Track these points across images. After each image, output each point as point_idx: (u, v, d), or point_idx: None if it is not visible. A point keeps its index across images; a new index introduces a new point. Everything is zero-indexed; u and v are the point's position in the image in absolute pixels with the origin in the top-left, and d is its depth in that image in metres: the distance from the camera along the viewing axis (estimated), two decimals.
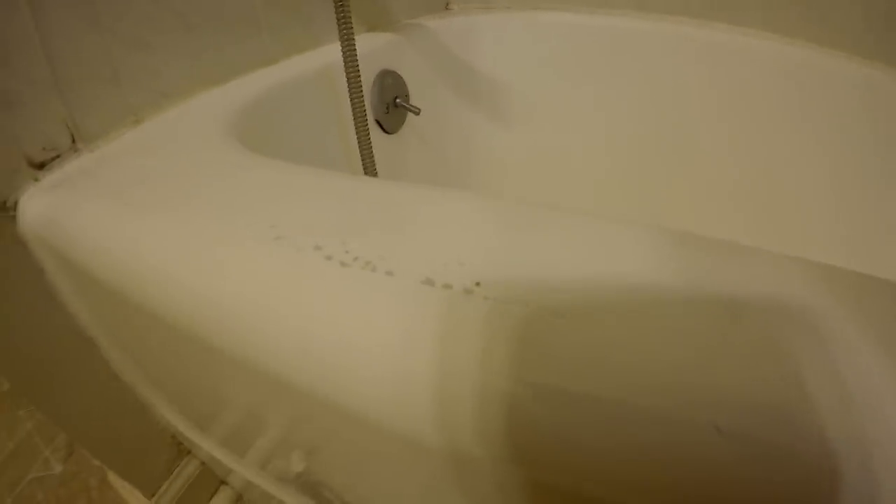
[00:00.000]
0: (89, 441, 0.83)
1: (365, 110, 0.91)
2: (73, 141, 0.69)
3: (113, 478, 1.13)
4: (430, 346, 0.30)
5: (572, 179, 1.36)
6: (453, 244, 0.36)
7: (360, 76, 0.88)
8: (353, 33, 0.84)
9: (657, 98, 1.17)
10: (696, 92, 1.11)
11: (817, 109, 0.97)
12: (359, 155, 0.94)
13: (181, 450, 0.96)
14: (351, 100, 0.89)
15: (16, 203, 0.63)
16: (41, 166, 0.66)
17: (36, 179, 0.65)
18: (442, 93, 1.28)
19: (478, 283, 0.32)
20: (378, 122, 1.11)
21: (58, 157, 0.67)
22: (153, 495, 0.94)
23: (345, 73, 0.88)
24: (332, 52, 0.95)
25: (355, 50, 0.86)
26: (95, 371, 0.79)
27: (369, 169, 0.95)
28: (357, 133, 0.92)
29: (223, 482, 1.05)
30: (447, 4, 1.41)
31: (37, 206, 0.62)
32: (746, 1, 1.05)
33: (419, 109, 1.13)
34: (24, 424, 1.43)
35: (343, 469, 0.56)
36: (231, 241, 0.43)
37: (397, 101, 1.12)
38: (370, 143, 0.94)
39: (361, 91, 0.89)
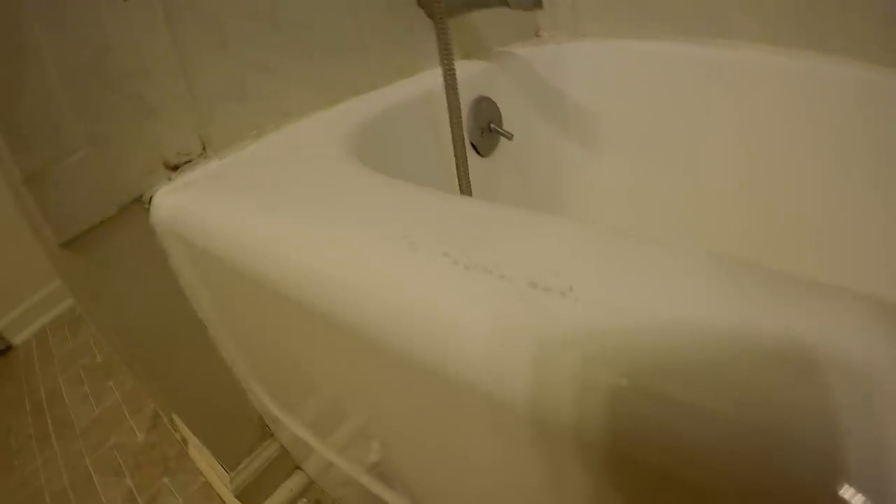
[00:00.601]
0: (186, 411, 0.92)
1: (463, 134, 0.97)
2: (204, 148, 0.78)
3: (193, 451, 1.23)
4: (531, 335, 0.36)
5: (660, 210, 1.37)
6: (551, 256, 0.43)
7: (459, 102, 0.94)
8: (453, 62, 0.91)
9: (749, 129, 1.15)
10: (790, 125, 1.08)
11: None
12: (455, 174, 1.00)
13: (265, 432, 1.05)
14: (451, 123, 0.95)
15: (150, 198, 0.73)
16: (175, 168, 0.75)
17: (169, 179, 0.75)
18: (533, 119, 1.32)
19: (571, 288, 0.38)
20: (473, 145, 1.17)
21: (189, 161, 0.77)
22: (233, 469, 1.02)
23: (445, 99, 0.94)
24: (431, 77, 1.02)
25: (456, 78, 0.92)
26: (202, 351, 0.88)
27: (465, 188, 1.01)
28: (455, 155, 0.98)
29: (298, 468, 1.13)
30: (537, 32, 1.45)
31: (169, 201, 0.72)
32: (836, 30, 1.01)
33: (512, 134, 1.18)
34: (113, 394, 1.56)
35: (417, 462, 0.62)
36: (370, 242, 0.50)
37: (491, 125, 1.18)
38: (467, 165, 1.00)
39: (461, 116, 0.95)
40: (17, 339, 1.99)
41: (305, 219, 0.57)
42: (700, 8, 1.18)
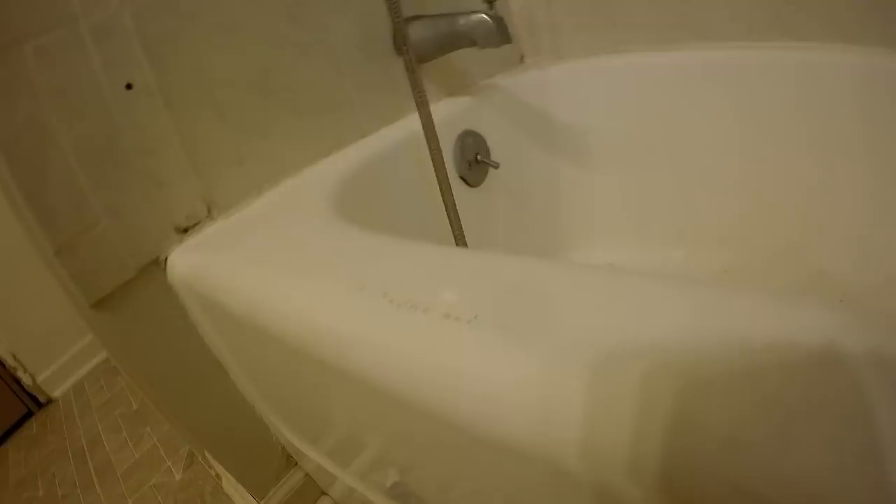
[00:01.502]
0: (214, 448, 1.00)
1: (446, 173, 1.03)
2: (209, 211, 0.87)
3: (227, 485, 1.29)
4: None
5: (660, 218, 1.38)
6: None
7: (439, 142, 1.00)
8: (429, 107, 0.97)
9: (739, 127, 1.15)
10: (781, 119, 1.07)
11: None
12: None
13: (289, 461, 1.11)
14: (434, 165, 1.01)
15: (165, 259, 0.82)
16: (185, 231, 0.84)
17: (181, 241, 0.84)
18: (522, 145, 1.37)
19: (476, 317, 0.45)
20: (462, 178, 1.23)
21: (198, 223, 0.86)
22: (262, 498, 1.08)
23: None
24: (416, 119, 1.05)
25: (433, 121, 0.99)
26: (225, 392, 0.96)
27: (455, 223, 1.07)
28: (442, 193, 1.04)
29: (324, 493, 1.19)
30: (522, 59, 1.50)
31: (183, 260, 0.81)
32: (814, 17, 1.01)
33: (498, 164, 1.24)
34: (150, 438, 1.64)
35: (434, 484, 0.69)
36: (327, 288, 0.59)
37: (478, 157, 1.24)
38: (454, 201, 1.05)
39: (442, 156, 1.01)
40: (56, 393, 2.08)
41: (289, 274, 0.65)
42: (674, 15, 1.21)
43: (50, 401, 2.07)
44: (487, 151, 1.27)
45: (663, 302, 0.41)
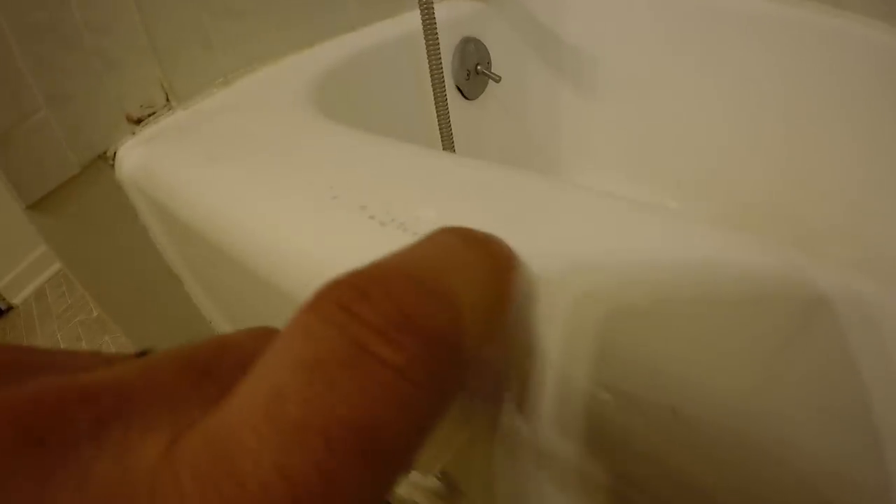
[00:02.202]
0: None
1: (443, 78, 0.94)
2: (168, 100, 0.75)
3: None
4: None
5: (660, 167, 1.33)
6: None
7: (438, 43, 0.91)
8: (432, 3, 0.87)
9: (754, 80, 1.10)
10: (798, 78, 1.03)
11: None
12: (436, 120, 0.98)
13: None
14: (430, 66, 0.92)
15: (115, 153, 0.71)
16: (138, 121, 0.73)
17: (133, 133, 0.72)
18: (526, 62, 1.28)
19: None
20: (459, 88, 1.13)
21: (153, 113, 0.74)
22: None
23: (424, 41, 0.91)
24: (415, 18, 0.96)
25: (434, 19, 0.89)
26: (178, 304, 0.87)
27: (445, 135, 0.98)
28: (435, 98, 0.95)
29: None
30: None
31: (133, 156, 0.69)
32: None
33: (499, 77, 1.14)
34: (109, 348, 1.57)
35: None
36: (294, 196, 0.48)
37: (478, 68, 1.14)
38: (447, 110, 0.97)
39: (440, 58, 0.92)
40: (16, 300, 2.01)
41: (242, 174, 0.55)
42: None
43: (10, 308, 2.00)
44: (489, 63, 1.17)
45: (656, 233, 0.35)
